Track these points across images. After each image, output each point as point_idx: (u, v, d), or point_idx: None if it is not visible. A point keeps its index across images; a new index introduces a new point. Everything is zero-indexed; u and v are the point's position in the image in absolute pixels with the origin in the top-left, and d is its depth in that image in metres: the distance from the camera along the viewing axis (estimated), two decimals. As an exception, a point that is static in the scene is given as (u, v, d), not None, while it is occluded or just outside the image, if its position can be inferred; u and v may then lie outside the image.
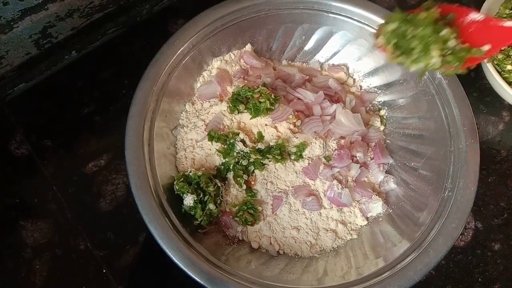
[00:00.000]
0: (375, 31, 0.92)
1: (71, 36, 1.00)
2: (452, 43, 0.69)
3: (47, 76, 1.02)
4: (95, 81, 1.02)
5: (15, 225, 0.89)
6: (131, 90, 0.98)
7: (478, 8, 1.03)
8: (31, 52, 0.96)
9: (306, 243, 0.84)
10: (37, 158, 0.94)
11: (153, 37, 1.06)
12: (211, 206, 0.81)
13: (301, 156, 0.86)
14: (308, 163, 0.86)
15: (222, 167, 0.86)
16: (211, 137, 0.86)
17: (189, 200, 0.80)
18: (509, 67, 0.97)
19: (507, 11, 1.04)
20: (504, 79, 0.96)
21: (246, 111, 0.87)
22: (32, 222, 0.89)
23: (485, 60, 0.96)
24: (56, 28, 0.96)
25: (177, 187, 0.81)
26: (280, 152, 0.84)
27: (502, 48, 1.00)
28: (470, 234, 0.94)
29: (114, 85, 1.01)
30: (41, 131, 0.96)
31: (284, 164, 0.86)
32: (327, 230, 0.85)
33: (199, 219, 0.81)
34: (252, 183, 0.86)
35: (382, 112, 0.99)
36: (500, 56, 0.99)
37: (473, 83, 0.89)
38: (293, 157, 0.86)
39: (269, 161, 0.85)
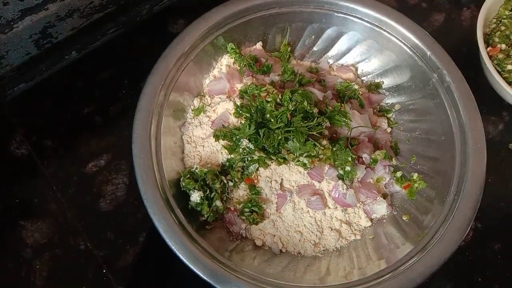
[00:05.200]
0: (385, 32, 0.92)
1: (71, 36, 1.00)
2: None
3: (47, 76, 1.01)
4: (95, 81, 1.02)
5: (15, 225, 0.88)
6: (131, 90, 0.99)
7: (477, 9, 1.03)
8: (31, 52, 0.96)
9: (310, 242, 0.84)
10: (37, 158, 0.94)
11: (153, 37, 1.06)
12: (218, 203, 0.82)
13: (305, 165, 0.86)
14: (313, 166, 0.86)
15: (228, 163, 0.86)
16: (217, 137, 0.86)
17: (195, 196, 0.80)
18: (509, 67, 0.97)
19: (507, 12, 1.04)
20: (504, 79, 0.96)
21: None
22: (32, 222, 0.89)
23: (485, 60, 0.96)
24: (56, 28, 0.95)
25: (184, 184, 0.81)
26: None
27: (502, 48, 1.00)
28: (470, 234, 0.94)
29: (114, 85, 1.01)
30: (41, 131, 0.96)
31: (288, 164, 0.86)
32: (331, 230, 0.85)
33: (206, 216, 0.81)
34: (256, 181, 0.86)
35: (390, 114, 0.99)
36: (500, 56, 0.99)
37: (473, 83, 0.89)
38: (298, 163, 0.86)
39: (272, 162, 0.85)
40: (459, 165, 0.84)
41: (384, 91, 1.01)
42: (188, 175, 0.82)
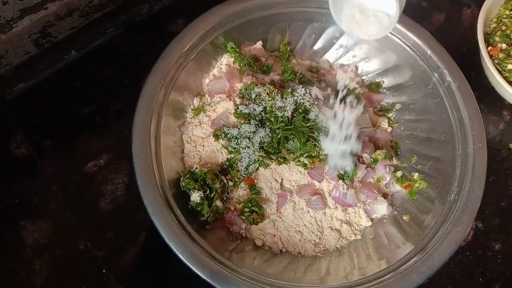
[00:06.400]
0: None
1: (70, 36, 1.00)
2: None
3: (46, 75, 1.01)
4: (95, 81, 1.01)
5: (15, 225, 0.88)
6: (131, 90, 0.99)
7: (478, 8, 1.03)
8: (30, 51, 0.96)
9: (310, 242, 0.84)
10: (37, 158, 0.94)
11: (153, 37, 1.05)
12: (218, 203, 0.82)
13: (305, 165, 0.86)
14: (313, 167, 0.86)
15: (227, 163, 0.86)
16: (217, 136, 0.86)
17: (195, 196, 0.80)
18: (509, 66, 0.97)
19: (507, 12, 1.04)
20: (505, 78, 0.96)
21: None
22: (32, 222, 0.89)
23: (486, 59, 0.96)
24: (56, 28, 0.95)
25: (184, 184, 0.81)
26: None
27: (503, 48, 1.00)
28: (471, 234, 0.94)
29: (114, 85, 1.01)
30: (41, 131, 0.96)
31: (288, 164, 0.86)
32: (331, 230, 0.85)
33: (206, 216, 0.81)
34: (256, 181, 0.86)
35: (390, 114, 0.99)
36: (501, 56, 0.99)
37: (474, 82, 0.89)
38: (298, 163, 0.86)
39: (272, 162, 0.85)
40: (459, 165, 0.84)
41: (384, 90, 1.01)
42: (188, 175, 0.82)
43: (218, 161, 0.87)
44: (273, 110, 0.85)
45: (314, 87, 0.91)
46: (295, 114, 0.85)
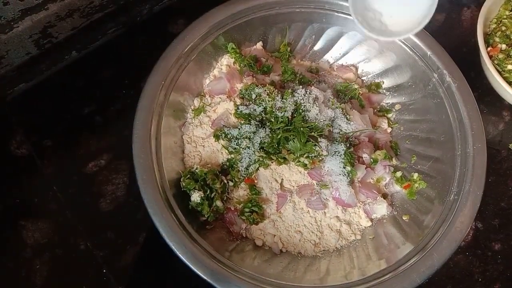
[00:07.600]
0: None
1: (71, 36, 1.00)
2: None
3: (47, 76, 1.01)
4: (95, 81, 1.01)
5: (15, 225, 0.88)
6: (131, 90, 0.99)
7: (478, 9, 1.03)
8: (31, 52, 0.96)
9: (310, 242, 0.85)
10: (37, 158, 0.94)
11: (153, 37, 1.06)
12: (218, 203, 0.82)
13: (305, 165, 0.86)
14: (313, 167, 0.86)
15: (228, 163, 0.86)
16: (217, 137, 0.86)
17: (196, 196, 0.80)
18: (509, 66, 0.97)
19: (507, 12, 1.04)
20: (505, 79, 0.96)
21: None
22: (32, 222, 0.89)
23: (485, 60, 0.96)
24: (56, 28, 0.96)
25: (184, 184, 0.82)
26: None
27: (503, 48, 1.00)
28: (471, 234, 0.94)
29: (114, 85, 1.01)
30: (41, 131, 0.96)
31: (288, 164, 0.86)
32: (331, 230, 0.85)
33: (206, 216, 0.81)
34: (256, 181, 0.86)
35: (390, 114, 0.99)
36: (500, 56, 0.99)
37: (474, 83, 0.89)
38: (298, 163, 0.86)
39: (272, 162, 0.85)
40: (459, 165, 0.84)
41: (384, 91, 1.01)
42: (189, 175, 0.82)
43: (219, 162, 0.87)
44: (273, 110, 0.85)
45: (314, 87, 0.91)
46: (295, 115, 0.86)
